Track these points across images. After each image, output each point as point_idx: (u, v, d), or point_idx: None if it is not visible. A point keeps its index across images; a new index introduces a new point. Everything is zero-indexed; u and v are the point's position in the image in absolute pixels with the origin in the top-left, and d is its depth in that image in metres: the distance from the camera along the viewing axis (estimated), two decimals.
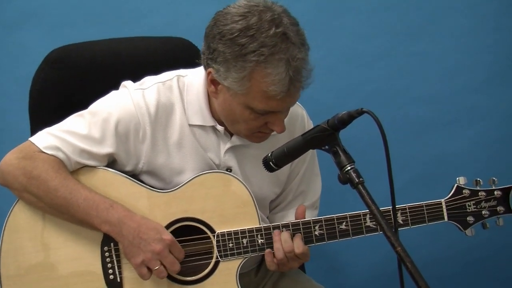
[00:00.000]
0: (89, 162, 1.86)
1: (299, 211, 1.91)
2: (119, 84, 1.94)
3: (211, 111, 1.89)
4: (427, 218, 1.90)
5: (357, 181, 1.49)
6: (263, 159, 1.71)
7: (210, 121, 1.89)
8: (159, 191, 1.88)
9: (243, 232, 1.87)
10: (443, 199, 1.92)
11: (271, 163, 1.69)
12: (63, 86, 2.12)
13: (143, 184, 1.88)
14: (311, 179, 2.09)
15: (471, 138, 2.90)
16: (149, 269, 1.80)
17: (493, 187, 1.92)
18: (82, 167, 1.86)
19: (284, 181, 2.04)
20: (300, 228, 1.87)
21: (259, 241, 1.87)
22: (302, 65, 1.71)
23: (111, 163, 1.90)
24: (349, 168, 1.52)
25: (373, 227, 1.88)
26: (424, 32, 2.86)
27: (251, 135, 1.86)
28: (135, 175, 1.90)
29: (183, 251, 1.83)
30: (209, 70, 1.79)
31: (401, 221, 1.89)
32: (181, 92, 1.90)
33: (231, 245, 1.87)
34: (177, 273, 1.85)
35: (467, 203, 1.92)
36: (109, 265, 1.85)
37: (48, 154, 1.82)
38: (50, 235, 1.85)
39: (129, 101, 1.85)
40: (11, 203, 1.87)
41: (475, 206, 1.92)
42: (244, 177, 1.93)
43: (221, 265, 1.87)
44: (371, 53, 2.85)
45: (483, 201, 1.92)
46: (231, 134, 1.92)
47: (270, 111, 1.76)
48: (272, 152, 1.70)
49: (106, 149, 1.84)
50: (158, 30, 2.45)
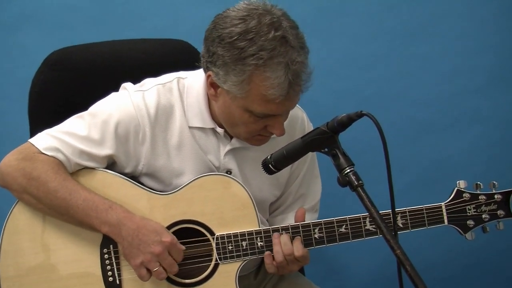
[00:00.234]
0: (89, 163, 1.85)
1: (298, 214, 1.91)
2: (119, 86, 1.94)
3: (211, 113, 1.89)
4: (427, 221, 1.90)
5: (356, 183, 1.50)
6: (263, 162, 1.71)
7: (210, 123, 1.89)
8: (158, 193, 1.88)
9: (242, 234, 1.86)
10: (443, 203, 1.91)
11: (270, 165, 1.69)
12: (62, 88, 2.12)
13: (142, 186, 1.88)
14: (311, 182, 2.08)
15: (471, 140, 2.90)
16: (149, 270, 1.80)
17: (494, 191, 1.92)
18: (81, 169, 1.86)
19: (284, 184, 2.04)
20: (299, 231, 1.87)
21: (259, 244, 1.87)
22: (301, 68, 1.71)
23: (111, 165, 1.90)
24: (348, 170, 1.52)
25: (373, 230, 1.88)
26: (423, 34, 2.86)
27: (250, 138, 1.86)
28: (134, 177, 1.90)
29: (183, 252, 1.83)
30: (209, 73, 1.79)
31: (401, 225, 1.89)
32: (181, 94, 1.90)
33: (230, 247, 1.86)
34: (177, 276, 1.85)
35: (467, 207, 1.91)
36: (109, 267, 1.85)
37: (47, 155, 1.82)
38: (49, 236, 1.85)
39: (129, 103, 1.85)
40: (11, 204, 1.87)
41: (475, 209, 1.91)
42: (244, 179, 1.92)
43: (221, 268, 1.87)
44: (371, 55, 2.85)
45: (484, 205, 1.91)
46: (231, 136, 1.92)
47: (269, 114, 1.76)
48: (271, 154, 1.70)
49: (105, 150, 1.84)
50: (158, 32, 2.45)
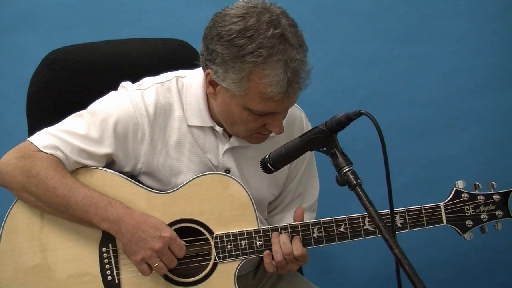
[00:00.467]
0: (88, 162, 1.85)
1: (297, 214, 1.91)
2: (117, 85, 1.94)
3: (210, 112, 1.89)
4: (425, 221, 1.90)
5: (355, 183, 1.50)
6: (261, 161, 1.71)
7: (208, 122, 1.89)
8: (157, 192, 1.88)
9: (241, 234, 1.86)
10: (441, 203, 1.91)
11: (268, 164, 1.69)
12: (61, 87, 2.12)
13: (141, 185, 1.88)
14: (309, 181, 2.08)
15: (469, 141, 2.90)
16: (149, 265, 1.80)
17: (492, 191, 1.92)
18: (80, 168, 1.86)
19: (282, 183, 2.04)
20: (298, 230, 1.87)
21: (258, 243, 1.87)
22: (300, 66, 1.71)
23: (110, 164, 1.90)
24: (347, 170, 1.52)
25: (372, 230, 1.88)
26: (422, 34, 2.86)
27: (249, 136, 1.86)
28: (133, 176, 1.90)
29: (184, 247, 1.83)
30: (208, 71, 1.79)
31: (400, 224, 1.89)
32: (180, 92, 1.90)
33: (229, 247, 1.86)
34: (176, 275, 1.85)
35: (466, 207, 1.91)
36: (107, 266, 1.85)
37: (46, 153, 1.82)
38: (48, 236, 1.85)
39: (127, 102, 1.85)
40: (10, 203, 1.87)
41: (474, 210, 1.91)
42: (242, 178, 1.92)
43: (219, 267, 1.87)
44: (370, 55, 2.85)
45: (482, 205, 1.91)
46: (229, 135, 1.92)
47: (268, 112, 1.76)
48: (270, 153, 1.70)
49: (104, 149, 1.84)
50: (156, 31, 2.45)
